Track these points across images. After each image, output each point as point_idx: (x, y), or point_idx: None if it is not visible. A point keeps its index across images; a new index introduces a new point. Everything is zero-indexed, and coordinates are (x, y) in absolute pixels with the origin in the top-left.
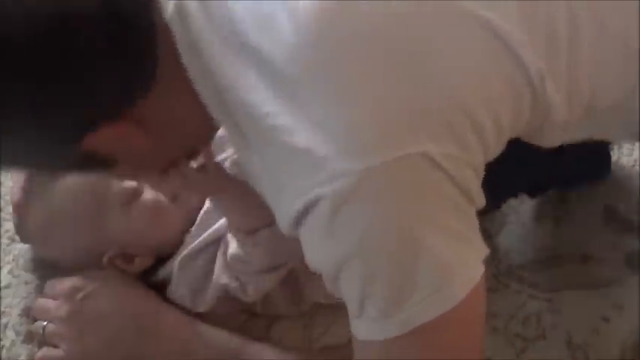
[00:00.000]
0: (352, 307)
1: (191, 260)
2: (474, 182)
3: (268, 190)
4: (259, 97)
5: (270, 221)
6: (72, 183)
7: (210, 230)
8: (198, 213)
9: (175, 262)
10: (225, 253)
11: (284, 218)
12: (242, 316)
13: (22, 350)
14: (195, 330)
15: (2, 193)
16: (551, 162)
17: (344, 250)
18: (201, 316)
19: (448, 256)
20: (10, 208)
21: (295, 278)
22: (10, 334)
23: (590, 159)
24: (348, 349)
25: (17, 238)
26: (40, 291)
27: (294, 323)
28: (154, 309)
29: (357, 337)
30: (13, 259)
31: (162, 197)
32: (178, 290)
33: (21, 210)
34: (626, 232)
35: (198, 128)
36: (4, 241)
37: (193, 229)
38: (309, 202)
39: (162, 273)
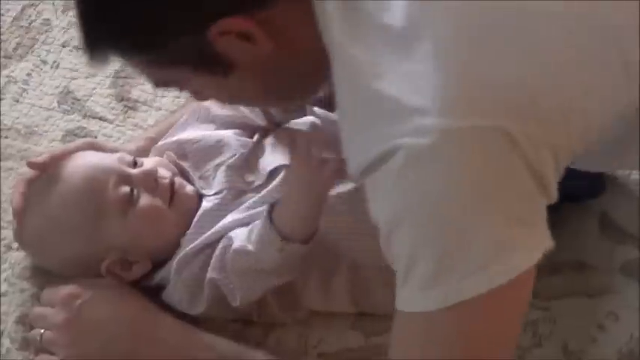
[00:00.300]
0: (399, 272)
1: (188, 262)
2: (550, 169)
3: (347, 131)
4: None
5: (307, 238)
6: (69, 189)
7: (208, 233)
8: (194, 216)
9: (172, 265)
10: (224, 248)
11: (357, 163)
12: (239, 324)
13: (18, 358)
14: (193, 337)
15: (1, 200)
16: None
17: (405, 204)
18: (198, 324)
19: (504, 236)
20: (7, 216)
21: (291, 284)
22: (5, 341)
23: (585, 179)
24: (344, 357)
25: (13, 246)
26: (36, 299)
27: (290, 331)
28: (152, 315)
29: (398, 307)
30: (9, 267)
31: (158, 202)
32: (175, 293)
33: (19, 216)
34: (622, 241)
35: (314, 65)
36: (1, 249)
37: (189, 231)
38: (385, 152)
39: (158, 277)
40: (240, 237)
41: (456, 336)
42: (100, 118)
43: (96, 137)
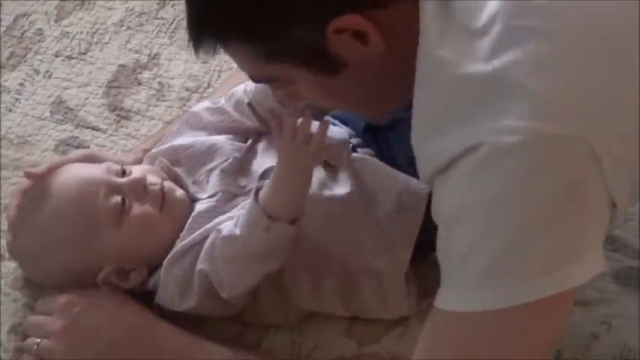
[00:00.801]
0: (447, 270)
1: (178, 260)
2: (624, 193)
3: (426, 132)
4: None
5: (292, 218)
6: (60, 203)
7: (199, 231)
8: (187, 219)
9: (163, 264)
10: (214, 240)
11: (436, 162)
12: (234, 330)
13: None
14: (190, 343)
15: None
16: None
17: (475, 198)
18: (195, 331)
19: (564, 250)
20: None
21: (281, 283)
22: None
23: None
24: None
25: (5, 255)
26: (29, 308)
27: (284, 339)
28: (149, 323)
29: (439, 306)
30: (1, 277)
31: (149, 209)
32: (166, 291)
33: (14, 228)
34: (616, 249)
35: (411, 81)
36: None
37: (182, 234)
38: (469, 147)
39: (152, 282)
40: (228, 226)
41: (494, 340)
42: (93, 128)
43: (89, 147)
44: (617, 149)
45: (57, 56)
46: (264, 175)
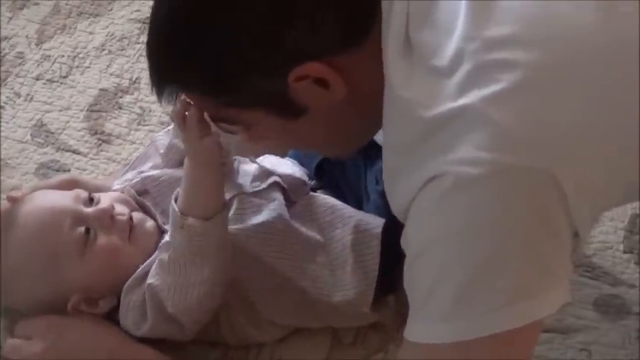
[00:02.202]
0: (415, 301)
1: (137, 284)
2: (587, 226)
3: (395, 168)
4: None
5: (203, 214)
6: (24, 233)
7: (154, 255)
8: (155, 249)
9: (123, 290)
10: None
11: (406, 196)
12: (216, 352)
13: None
14: None
15: None
16: None
17: (441, 229)
18: (177, 354)
19: (529, 282)
20: None
21: (246, 298)
22: None
23: None
24: None
25: None
26: (8, 331)
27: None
28: (130, 347)
29: (406, 336)
30: None
31: (115, 240)
32: (127, 316)
33: None
34: (595, 277)
35: (380, 112)
36: None
37: (148, 262)
38: (433, 176)
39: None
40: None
41: None
42: (74, 152)
43: (69, 170)
44: (580, 177)
45: (38, 79)
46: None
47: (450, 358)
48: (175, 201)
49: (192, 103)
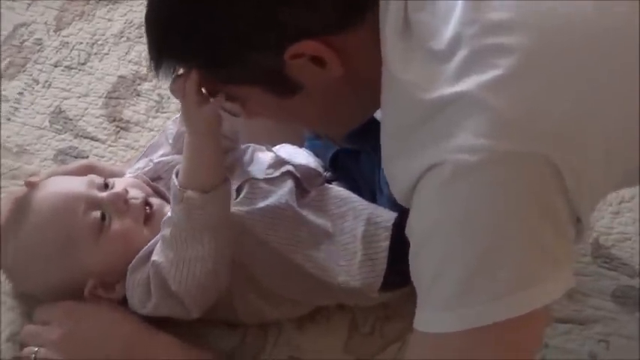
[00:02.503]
0: (421, 291)
1: (142, 263)
2: (587, 208)
3: (393, 153)
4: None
5: (201, 187)
6: (39, 218)
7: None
8: None
9: (128, 269)
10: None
11: (404, 182)
12: (233, 340)
13: None
14: (187, 352)
15: None
16: None
17: (441, 217)
18: (193, 342)
19: (531, 267)
20: None
21: (253, 279)
22: None
23: None
24: None
25: None
26: (26, 317)
27: (283, 352)
28: (147, 333)
29: (415, 326)
30: None
31: (129, 223)
32: (133, 295)
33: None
34: (613, 268)
35: (375, 92)
36: None
37: (155, 239)
38: (431, 165)
39: None
40: None
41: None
42: (92, 138)
43: (88, 157)
44: (578, 163)
45: (56, 66)
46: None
47: (457, 346)
48: (177, 176)
49: (190, 74)
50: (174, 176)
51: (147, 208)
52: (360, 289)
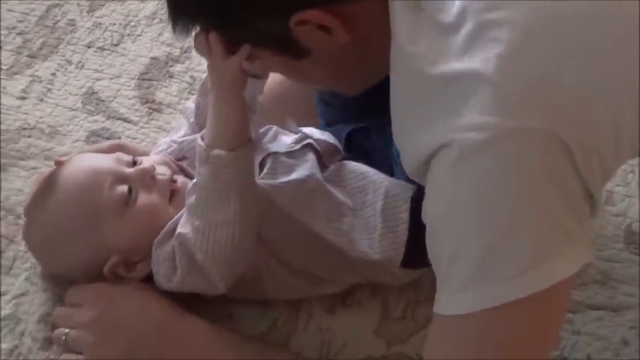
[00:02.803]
0: (439, 274)
1: (167, 237)
2: (598, 181)
3: (401, 127)
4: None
5: (227, 145)
6: (66, 193)
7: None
8: None
9: (154, 243)
10: None
11: (413, 158)
12: (262, 327)
13: (39, 357)
14: (218, 335)
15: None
16: None
17: (454, 199)
18: (224, 324)
19: (547, 243)
20: None
21: (280, 255)
22: (26, 340)
23: None
24: None
25: None
26: (58, 298)
27: (314, 336)
28: (179, 316)
29: (435, 310)
30: (31, 267)
31: (156, 199)
32: (159, 270)
33: (27, 217)
34: None
35: (384, 58)
36: (22, 248)
37: (180, 213)
38: (439, 145)
39: None
40: None
41: (488, 341)
42: (124, 120)
43: (120, 138)
44: (587, 138)
45: (89, 47)
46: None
47: (478, 327)
48: (202, 140)
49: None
50: (199, 140)
51: (172, 184)
52: (382, 262)
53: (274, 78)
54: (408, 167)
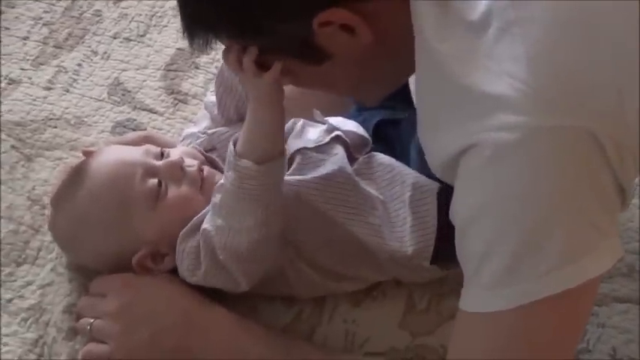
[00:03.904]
0: (468, 270)
1: (193, 231)
2: (631, 177)
3: (428, 126)
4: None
5: (258, 158)
6: (96, 185)
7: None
8: None
9: (179, 237)
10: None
11: (439, 157)
12: (288, 316)
13: (64, 348)
14: (243, 326)
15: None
16: None
17: (486, 198)
18: (249, 316)
19: (579, 240)
20: None
21: (305, 251)
22: (51, 331)
23: None
24: (390, 357)
25: None
26: (83, 289)
27: (339, 327)
28: (205, 307)
29: (462, 307)
30: (56, 257)
31: (186, 191)
32: (183, 263)
33: (54, 207)
34: None
35: (407, 60)
36: (47, 238)
37: (207, 208)
38: (467, 145)
39: None
40: None
41: (517, 339)
42: (150, 111)
43: (145, 129)
44: (620, 135)
45: (115, 38)
46: (293, 156)
47: (507, 325)
48: (234, 145)
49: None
50: (231, 144)
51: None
52: (412, 257)
53: None
54: (433, 165)
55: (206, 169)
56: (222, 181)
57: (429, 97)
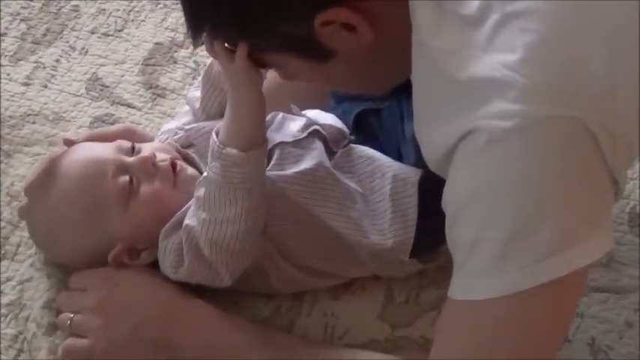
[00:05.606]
0: (457, 258)
1: (175, 228)
2: (624, 168)
3: (425, 119)
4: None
5: (241, 145)
6: (67, 184)
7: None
8: None
9: (160, 234)
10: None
11: (437, 150)
12: (266, 312)
13: (44, 343)
14: (226, 322)
15: None
16: None
17: (478, 184)
18: (229, 309)
19: (570, 229)
20: None
21: (285, 246)
22: (31, 326)
23: None
24: (369, 349)
25: None
26: (62, 284)
27: (318, 320)
28: (185, 301)
29: (451, 295)
30: (35, 253)
31: (159, 186)
32: (165, 260)
33: (27, 206)
34: None
35: (408, 55)
36: (26, 234)
37: (188, 204)
38: (465, 132)
39: None
40: None
41: (506, 327)
42: (129, 105)
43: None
44: (614, 125)
45: (93, 33)
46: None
47: (495, 313)
48: (217, 135)
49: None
50: (214, 134)
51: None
52: (392, 249)
53: None
54: (430, 160)
55: (179, 163)
56: (205, 174)
57: (425, 93)
